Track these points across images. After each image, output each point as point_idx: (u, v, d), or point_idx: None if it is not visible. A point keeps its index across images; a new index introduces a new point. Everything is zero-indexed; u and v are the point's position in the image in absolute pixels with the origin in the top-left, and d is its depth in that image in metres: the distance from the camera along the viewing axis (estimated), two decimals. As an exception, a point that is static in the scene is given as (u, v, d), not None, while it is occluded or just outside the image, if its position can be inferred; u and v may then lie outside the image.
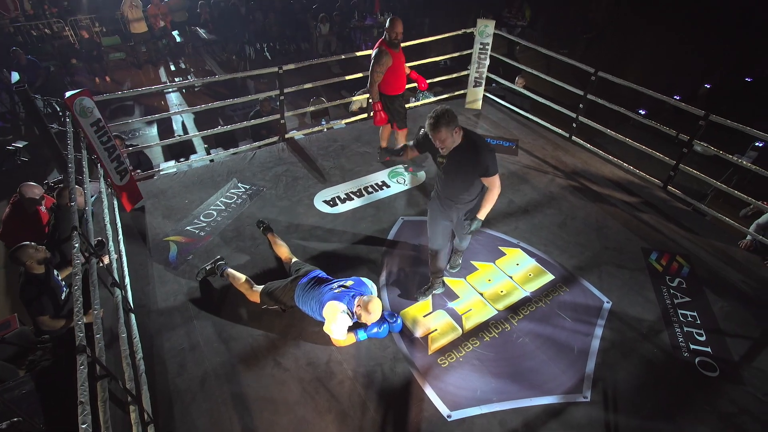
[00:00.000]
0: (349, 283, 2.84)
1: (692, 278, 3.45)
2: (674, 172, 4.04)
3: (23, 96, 3.35)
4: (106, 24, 9.34)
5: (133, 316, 2.82)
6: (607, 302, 3.23)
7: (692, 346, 2.94)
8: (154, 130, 7.28)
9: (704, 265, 3.58)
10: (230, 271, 3.22)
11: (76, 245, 2.17)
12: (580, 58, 4.74)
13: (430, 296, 3.26)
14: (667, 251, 3.68)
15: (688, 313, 3.17)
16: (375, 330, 2.85)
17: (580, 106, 4.66)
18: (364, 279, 2.97)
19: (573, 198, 4.28)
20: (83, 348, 1.69)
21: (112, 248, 3.03)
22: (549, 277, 3.43)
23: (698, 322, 3.11)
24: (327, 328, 2.75)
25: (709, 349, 2.93)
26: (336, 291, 2.76)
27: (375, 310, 2.73)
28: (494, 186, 2.61)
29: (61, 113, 3.24)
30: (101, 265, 2.60)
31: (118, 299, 2.58)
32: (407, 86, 4.42)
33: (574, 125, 4.84)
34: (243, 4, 10.09)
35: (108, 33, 9.13)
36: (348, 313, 2.70)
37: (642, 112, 6.05)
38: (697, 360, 2.86)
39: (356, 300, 2.74)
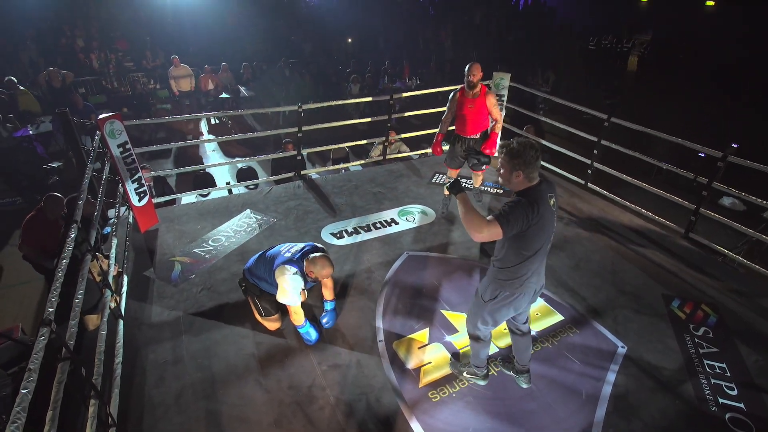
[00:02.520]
0: (299, 246, 2.82)
1: (720, 328, 3.12)
2: (695, 217, 3.84)
3: (63, 118, 3.68)
4: (160, 81, 10.37)
5: (121, 322, 2.80)
6: (622, 347, 2.94)
7: (722, 401, 2.59)
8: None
9: (734, 316, 3.25)
10: None
11: (72, 235, 2.23)
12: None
13: (428, 329, 3.09)
14: (691, 299, 3.38)
15: (716, 364, 2.83)
16: (307, 330, 2.88)
17: (595, 152, 4.62)
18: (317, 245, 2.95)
19: (588, 243, 4.10)
20: (49, 321, 1.67)
21: (114, 255, 3.09)
22: (558, 317, 3.20)
23: (728, 374, 2.76)
24: (280, 295, 2.70)
25: (742, 405, 2.56)
26: (285, 255, 2.75)
27: (324, 268, 2.70)
28: (484, 225, 2.03)
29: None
30: (98, 264, 2.65)
31: (106, 300, 2.58)
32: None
33: (590, 171, 4.77)
34: (286, 67, 11.06)
35: (159, 87, 10.13)
36: (299, 275, 2.65)
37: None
38: (727, 416, 2.50)
39: (304, 261, 2.69)
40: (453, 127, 4.26)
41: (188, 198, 5.30)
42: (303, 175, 5.29)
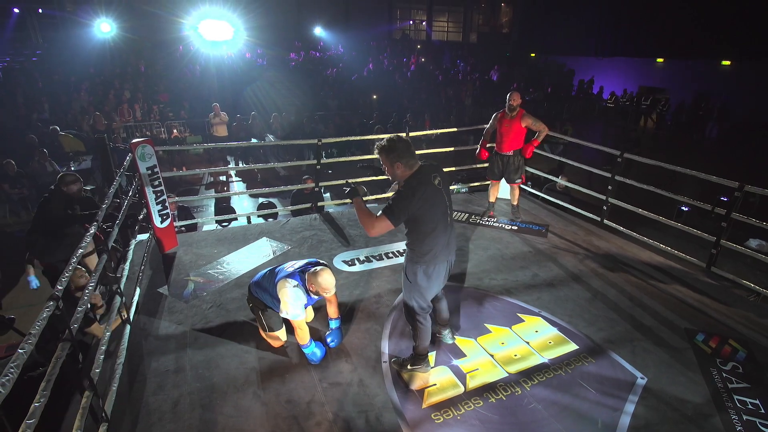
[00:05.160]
0: (302, 262, 2.80)
1: (751, 363, 2.89)
2: (716, 250, 3.69)
3: (100, 144, 3.99)
4: (193, 128, 11.12)
5: (128, 327, 2.84)
6: (642, 378, 2.75)
7: (755, 438, 2.35)
8: (211, 207, 8.02)
9: (766, 352, 3.01)
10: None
11: (95, 225, 2.35)
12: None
13: (434, 352, 2.99)
14: (717, 334, 3.18)
15: (748, 400, 2.60)
16: (312, 350, 2.82)
17: (609, 187, 4.60)
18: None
19: (605, 277, 3.97)
20: (56, 297, 1.74)
21: (126, 272, 3.20)
22: (572, 346, 3.05)
23: (762, 411, 2.52)
24: (283, 309, 2.66)
25: (779, 445, 2.32)
26: (288, 270, 2.73)
27: (325, 280, 2.65)
28: (374, 221, 2.32)
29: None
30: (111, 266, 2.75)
31: (115, 305, 2.64)
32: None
33: (605, 208, 4.72)
34: (311, 121, 11.79)
35: (194, 134, 10.85)
36: (301, 288, 2.60)
37: (685, 208, 5.79)
38: (762, 455, 2.26)
39: (306, 275, 2.64)
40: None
41: (209, 226, 5.48)
42: (320, 207, 5.43)
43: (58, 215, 3.70)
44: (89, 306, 2.67)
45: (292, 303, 2.65)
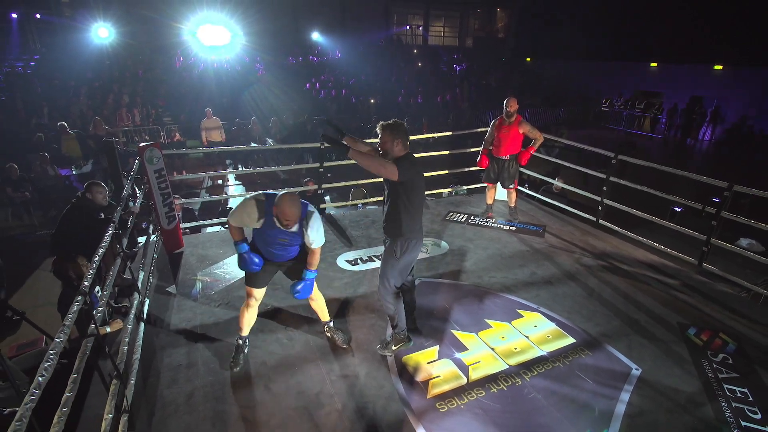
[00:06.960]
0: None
1: (740, 355, 3.02)
2: (707, 248, 3.83)
3: (108, 146, 4.09)
4: (191, 133, 11.17)
5: (142, 324, 2.93)
6: (636, 369, 2.87)
7: (744, 423, 2.47)
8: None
9: (755, 345, 3.14)
10: None
11: (110, 231, 2.45)
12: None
13: (437, 346, 3.10)
14: (708, 327, 3.31)
15: (737, 389, 2.72)
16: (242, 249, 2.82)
17: (604, 188, 4.74)
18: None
19: (601, 275, 4.09)
20: (84, 292, 1.83)
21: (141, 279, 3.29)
22: (569, 340, 3.16)
23: (750, 399, 2.65)
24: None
25: (767, 430, 2.44)
26: None
27: (284, 202, 2.40)
28: (386, 163, 2.59)
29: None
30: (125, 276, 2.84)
31: (134, 300, 2.73)
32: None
33: (600, 208, 4.86)
34: (309, 123, 11.90)
35: (190, 139, 10.92)
36: (264, 203, 2.54)
37: (678, 209, 5.95)
38: (751, 439, 2.38)
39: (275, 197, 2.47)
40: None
41: (213, 228, 5.57)
42: (322, 209, 5.53)
43: (83, 222, 3.80)
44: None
45: (239, 205, 2.60)
